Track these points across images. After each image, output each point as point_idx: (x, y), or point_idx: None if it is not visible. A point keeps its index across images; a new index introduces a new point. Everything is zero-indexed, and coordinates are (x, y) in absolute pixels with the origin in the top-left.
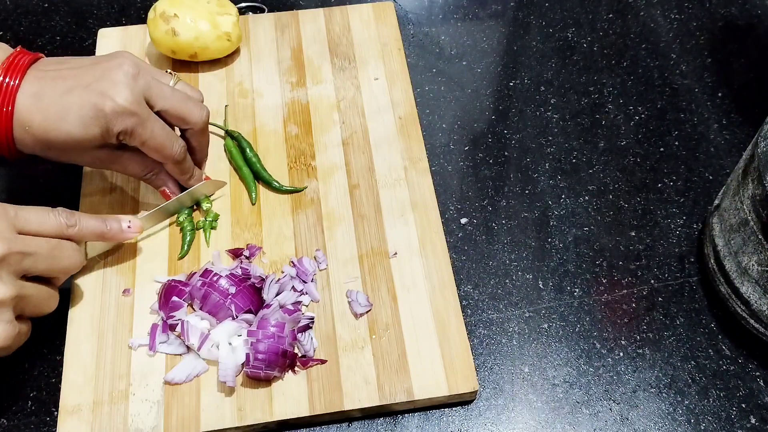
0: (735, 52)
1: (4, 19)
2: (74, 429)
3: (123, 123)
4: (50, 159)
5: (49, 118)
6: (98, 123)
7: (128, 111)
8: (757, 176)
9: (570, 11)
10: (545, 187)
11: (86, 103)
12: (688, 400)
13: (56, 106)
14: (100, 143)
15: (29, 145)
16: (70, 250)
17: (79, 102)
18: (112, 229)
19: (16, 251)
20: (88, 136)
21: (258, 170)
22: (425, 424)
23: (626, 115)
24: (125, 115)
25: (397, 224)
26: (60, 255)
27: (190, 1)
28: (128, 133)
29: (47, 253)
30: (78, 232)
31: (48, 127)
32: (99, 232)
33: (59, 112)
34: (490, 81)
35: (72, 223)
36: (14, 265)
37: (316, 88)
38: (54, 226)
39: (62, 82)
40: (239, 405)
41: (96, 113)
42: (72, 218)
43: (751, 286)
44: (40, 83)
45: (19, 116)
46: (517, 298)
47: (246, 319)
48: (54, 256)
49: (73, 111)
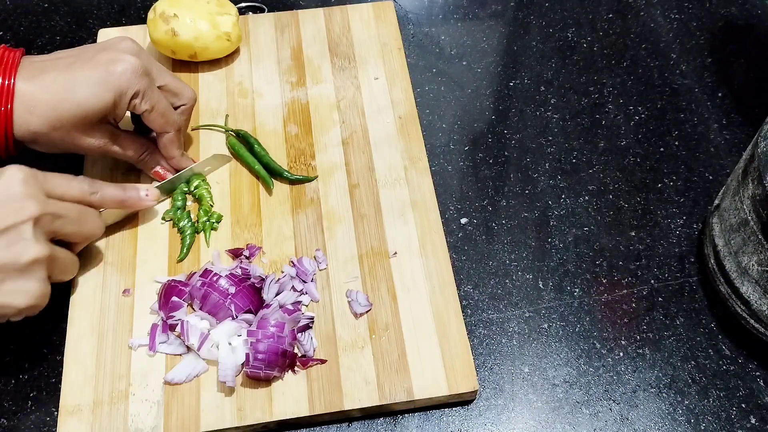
0: (735, 52)
1: (4, 19)
2: (74, 429)
3: (136, 84)
4: (51, 146)
5: (56, 93)
6: (111, 87)
7: (139, 72)
8: (757, 176)
9: (570, 11)
10: (545, 187)
11: (94, 72)
12: (688, 400)
13: (61, 81)
14: (111, 111)
15: (35, 128)
16: (93, 216)
17: (87, 73)
18: (131, 197)
19: (49, 212)
20: (101, 104)
21: (268, 162)
22: (425, 424)
23: (626, 115)
24: (137, 76)
25: (397, 224)
26: (85, 219)
27: (189, 1)
28: (140, 95)
29: (75, 217)
30: (100, 199)
31: (57, 102)
32: (119, 199)
33: (66, 85)
34: (490, 81)
35: (94, 190)
36: (46, 226)
37: (316, 88)
38: (78, 192)
39: (61, 61)
40: (239, 405)
41: (107, 78)
42: (94, 185)
43: (751, 286)
44: (36, 69)
45: (22, 101)
46: (517, 298)
47: (246, 319)
48: (80, 221)
49: (82, 81)
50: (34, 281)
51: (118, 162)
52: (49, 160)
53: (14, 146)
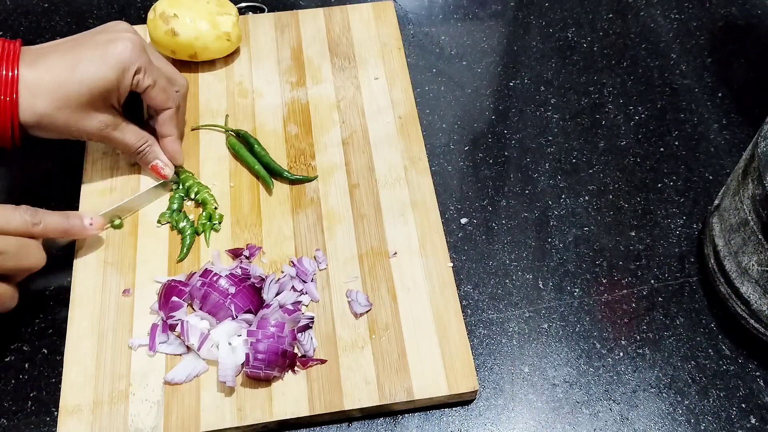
0: (735, 52)
1: (4, 19)
2: (74, 429)
3: (137, 60)
4: (54, 130)
5: (60, 74)
6: (114, 64)
7: (139, 48)
8: (757, 176)
9: (570, 11)
10: (545, 187)
11: (95, 51)
12: (688, 400)
13: (63, 62)
14: (115, 90)
15: (41, 110)
16: (34, 248)
17: (88, 53)
18: (75, 226)
19: None
20: (105, 81)
21: (268, 162)
22: (425, 424)
23: (626, 115)
24: (137, 53)
25: (397, 224)
26: (26, 253)
27: (189, 2)
28: (142, 71)
29: (15, 251)
30: (42, 229)
31: (61, 81)
32: (62, 228)
33: (69, 66)
34: (490, 81)
35: (36, 221)
36: None
37: (315, 88)
38: (20, 224)
39: (61, 46)
40: (239, 405)
41: (109, 56)
42: (36, 216)
43: (751, 286)
44: (35, 54)
45: (26, 86)
46: (517, 298)
47: (246, 319)
48: (20, 255)
49: (84, 60)
50: None
51: (119, 161)
52: (48, 160)
53: (20, 135)
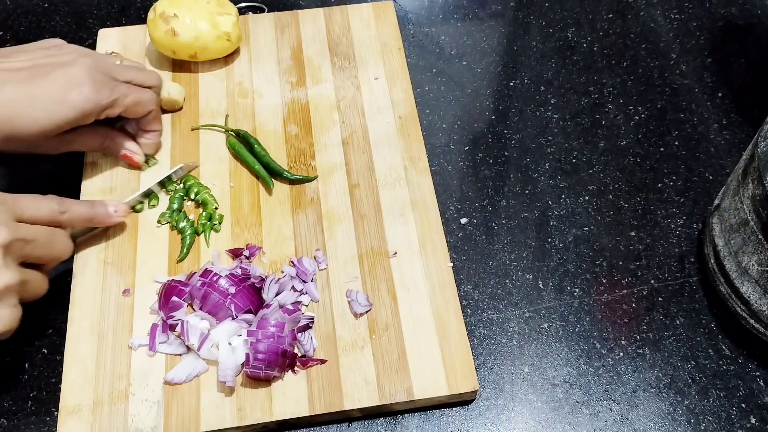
0: (735, 52)
1: (4, 19)
2: (74, 429)
3: (100, 99)
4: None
5: (13, 109)
6: (71, 108)
7: (99, 84)
8: (757, 176)
9: (570, 11)
10: (545, 187)
11: (51, 92)
12: (688, 400)
13: (18, 94)
14: (76, 123)
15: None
16: (62, 237)
17: (45, 91)
18: (100, 214)
19: (18, 238)
20: (61, 121)
21: (268, 162)
22: (425, 424)
23: (626, 115)
24: (97, 91)
25: (397, 224)
26: (54, 241)
27: (189, 2)
28: (109, 105)
29: (44, 240)
30: (69, 218)
31: (12, 118)
32: (88, 216)
33: (24, 101)
34: (490, 81)
35: (64, 209)
36: (16, 251)
37: (315, 88)
38: (47, 213)
39: (21, 73)
40: (239, 405)
41: (66, 101)
42: (63, 205)
43: (751, 286)
44: None
45: None
46: (517, 298)
47: (246, 319)
48: (49, 243)
49: (42, 98)
50: (6, 308)
51: (119, 160)
52: (48, 160)
53: None
